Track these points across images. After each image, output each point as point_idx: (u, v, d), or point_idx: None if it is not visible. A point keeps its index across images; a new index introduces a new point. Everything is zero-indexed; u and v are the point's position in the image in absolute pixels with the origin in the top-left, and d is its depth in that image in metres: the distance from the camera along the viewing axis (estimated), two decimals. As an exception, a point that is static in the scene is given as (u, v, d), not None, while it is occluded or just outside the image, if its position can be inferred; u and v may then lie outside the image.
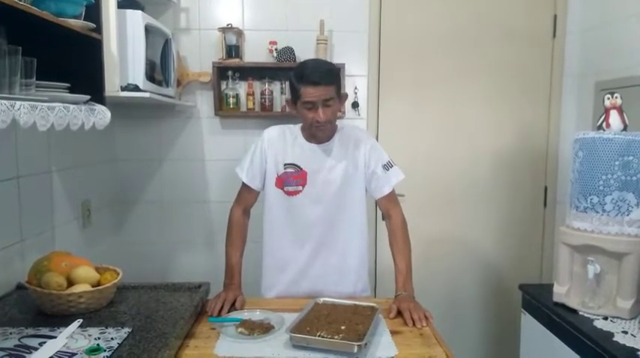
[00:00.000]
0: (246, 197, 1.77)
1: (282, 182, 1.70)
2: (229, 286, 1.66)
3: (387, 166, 1.73)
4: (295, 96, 1.62)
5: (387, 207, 1.75)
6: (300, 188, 1.69)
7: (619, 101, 1.54)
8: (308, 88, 1.56)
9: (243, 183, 1.75)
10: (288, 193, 1.70)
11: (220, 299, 1.55)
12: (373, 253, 2.52)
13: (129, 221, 2.56)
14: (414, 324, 1.45)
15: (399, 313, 1.51)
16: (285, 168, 1.70)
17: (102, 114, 1.42)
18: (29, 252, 1.63)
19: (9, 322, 1.30)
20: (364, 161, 1.72)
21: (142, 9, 1.93)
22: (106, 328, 1.27)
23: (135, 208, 2.56)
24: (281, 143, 1.72)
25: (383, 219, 1.80)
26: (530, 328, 1.78)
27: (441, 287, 2.64)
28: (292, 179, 1.69)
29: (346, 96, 1.77)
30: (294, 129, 1.75)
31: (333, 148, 1.71)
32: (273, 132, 1.76)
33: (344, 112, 2.45)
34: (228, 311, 1.52)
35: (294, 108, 1.67)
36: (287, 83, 2.37)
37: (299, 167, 1.70)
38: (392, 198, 1.75)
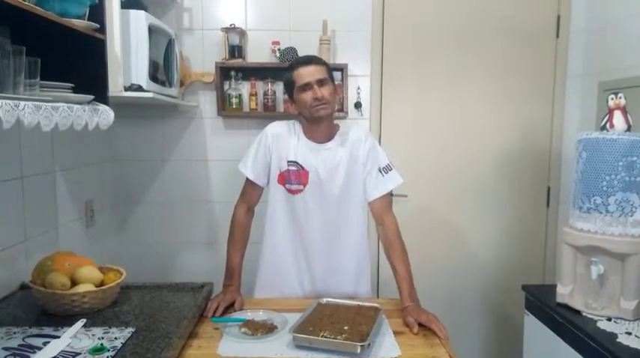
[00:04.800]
0: (251, 194, 1.75)
1: (284, 179, 1.69)
2: (228, 288, 1.65)
3: (385, 170, 1.69)
4: (291, 88, 1.65)
5: (380, 213, 1.70)
6: (302, 187, 1.67)
7: (623, 101, 1.54)
8: (300, 69, 1.62)
9: (248, 179, 1.73)
10: (290, 191, 1.69)
11: (217, 300, 1.55)
12: (375, 255, 2.52)
13: (132, 221, 2.57)
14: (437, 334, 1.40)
15: (420, 324, 1.44)
16: (288, 165, 1.67)
17: (105, 114, 1.42)
18: (33, 251, 1.64)
19: (13, 321, 1.31)
20: (363, 161, 1.69)
21: (146, 9, 1.93)
22: (110, 328, 1.28)
23: (138, 208, 2.56)
24: (285, 139, 1.69)
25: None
26: (534, 329, 1.77)
27: (444, 287, 2.64)
28: (294, 178, 1.67)
29: (341, 87, 1.76)
30: (297, 126, 1.72)
31: (334, 148, 1.68)
32: (277, 127, 1.72)
33: (347, 112, 2.45)
34: (229, 313, 1.51)
35: (293, 104, 1.68)
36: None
37: (301, 166, 1.67)
38: (385, 203, 1.70)
